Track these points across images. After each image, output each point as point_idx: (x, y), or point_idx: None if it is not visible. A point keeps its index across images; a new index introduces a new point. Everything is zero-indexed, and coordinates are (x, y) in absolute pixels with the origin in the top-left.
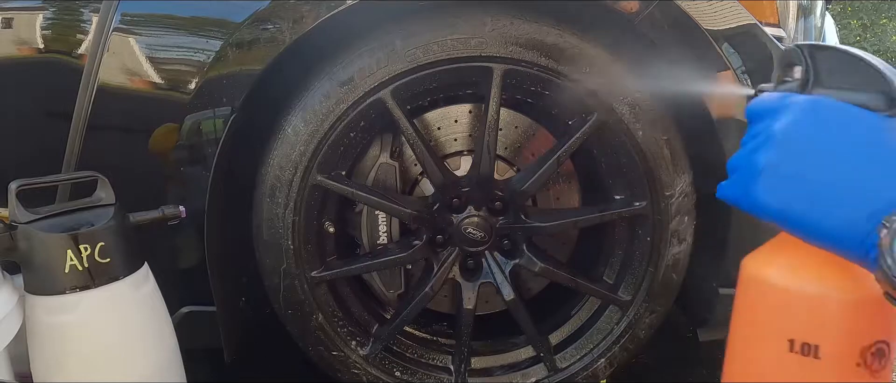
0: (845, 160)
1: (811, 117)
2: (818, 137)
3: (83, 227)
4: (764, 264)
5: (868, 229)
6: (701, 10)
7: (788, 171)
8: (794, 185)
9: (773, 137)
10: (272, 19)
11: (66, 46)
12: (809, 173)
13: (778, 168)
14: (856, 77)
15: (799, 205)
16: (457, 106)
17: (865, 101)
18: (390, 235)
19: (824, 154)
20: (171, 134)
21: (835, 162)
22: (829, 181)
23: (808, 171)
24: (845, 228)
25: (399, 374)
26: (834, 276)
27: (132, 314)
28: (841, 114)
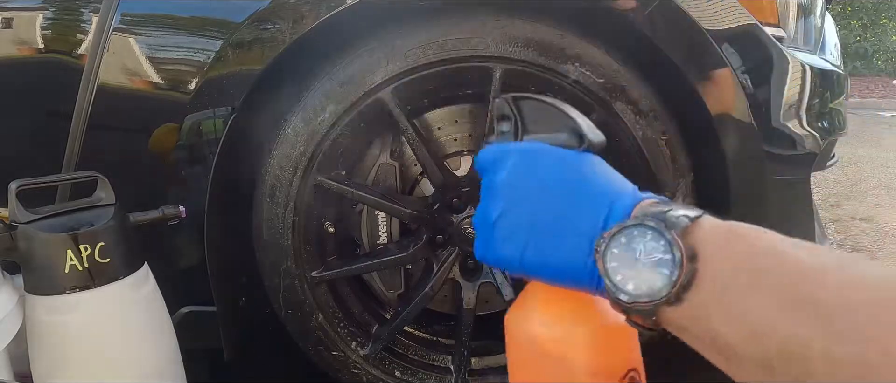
0: (555, 199)
1: (522, 164)
2: (530, 182)
3: (83, 227)
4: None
5: (587, 260)
6: (701, 10)
7: (514, 220)
8: (522, 232)
9: (495, 189)
10: (272, 19)
11: (66, 46)
12: (531, 218)
13: (505, 218)
14: (552, 121)
15: (530, 251)
16: (457, 106)
17: (564, 141)
18: (390, 235)
19: (538, 197)
20: (171, 134)
21: (547, 203)
22: (547, 222)
23: (529, 216)
24: (571, 264)
25: (399, 374)
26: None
27: (132, 314)
28: (544, 156)
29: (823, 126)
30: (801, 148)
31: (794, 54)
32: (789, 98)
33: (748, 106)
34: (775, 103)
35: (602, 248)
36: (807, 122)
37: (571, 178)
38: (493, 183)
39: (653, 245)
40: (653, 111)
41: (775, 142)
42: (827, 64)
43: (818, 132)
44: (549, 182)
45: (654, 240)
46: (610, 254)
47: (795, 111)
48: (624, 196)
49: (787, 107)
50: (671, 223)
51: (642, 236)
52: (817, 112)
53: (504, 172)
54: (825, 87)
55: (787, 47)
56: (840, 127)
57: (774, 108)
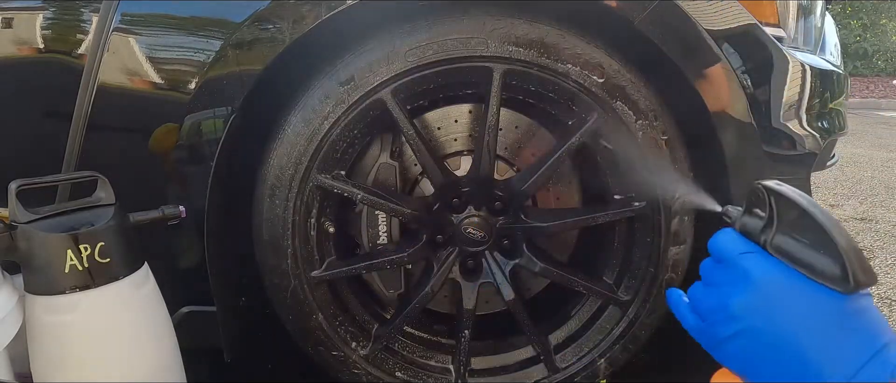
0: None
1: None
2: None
3: (83, 227)
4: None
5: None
6: (701, 10)
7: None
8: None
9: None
10: (272, 19)
11: (66, 46)
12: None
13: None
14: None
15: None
16: (457, 106)
17: (824, 267)
18: (390, 235)
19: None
20: (171, 134)
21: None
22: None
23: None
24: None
25: (399, 374)
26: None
27: (132, 314)
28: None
29: (823, 126)
30: (801, 148)
31: (794, 54)
32: (789, 98)
33: (748, 106)
34: (775, 103)
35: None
36: (807, 122)
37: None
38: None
39: None
40: (653, 111)
41: (775, 142)
42: (827, 64)
43: (818, 132)
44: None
45: None
46: None
47: (795, 111)
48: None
49: (787, 108)
50: None
51: None
52: (817, 112)
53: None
54: (825, 88)
55: (787, 47)
56: (840, 127)
57: (774, 108)
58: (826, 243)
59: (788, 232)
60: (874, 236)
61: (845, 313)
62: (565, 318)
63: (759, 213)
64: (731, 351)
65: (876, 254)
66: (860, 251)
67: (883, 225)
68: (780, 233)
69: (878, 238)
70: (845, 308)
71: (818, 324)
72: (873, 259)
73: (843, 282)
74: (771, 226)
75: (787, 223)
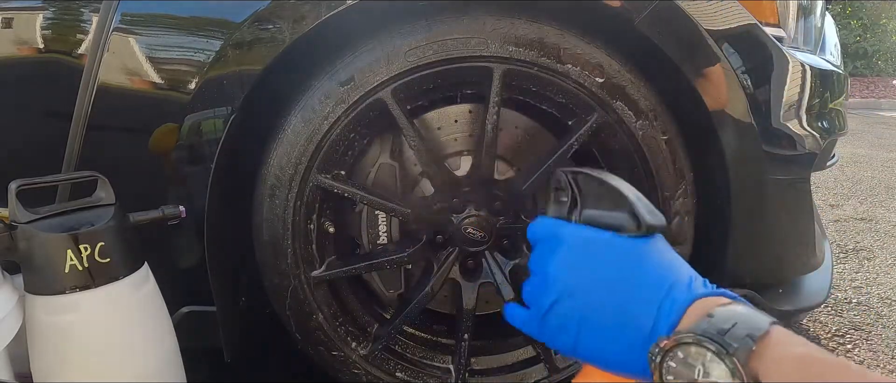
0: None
1: (575, 254)
2: (582, 274)
3: (83, 227)
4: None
5: (641, 356)
6: (701, 10)
7: (567, 311)
8: (575, 324)
9: (548, 276)
10: (272, 19)
11: (66, 46)
12: (584, 310)
13: (558, 307)
14: (610, 200)
15: (584, 343)
16: (457, 106)
17: (621, 222)
18: (390, 235)
19: (590, 290)
20: (171, 134)
21: (600, 296)
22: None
23: (582, 309)
24: (625, 360)
25: (399, 374)
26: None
27: (132, 314)
28: (597, 247)
29: (823, 126)
30: (801, 148)
31: (794, 54)
32: (789, 98)
33: (748, 106)
34: (775, 103)
35: (657, 359)
36: (807, 123)
37: (624, 272)
38: (546, 268)
39: (713, 367)
40: (653, 111)
41: (775, 142)
42: (827, 64)
43: (818, 132)
44: (601, 276)
45: (715, 362)
46: (666, 367)
47: (795, 111)
48: (678, 290)
49: (787, 108)
50: (734, 346)
51: (701, 355)
52: (817, 112)
53: (557, 259)
54: (825, 88)
55: (787, 47)
56: (840, 127)
57: (774, 109)
58: (618, 199)
59: (591, 204)
60: (874, 236)
61: (643, 255)
62: None
63: (563, 199)
64: (553, 324)
65: (876, 254)
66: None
67: (883, 225)
68: (585, 208)
69: (878, 238)
70: (643, 250)
71: (621, 269)
72: (873, 259)
73: (636, 227)
74: (576, 204)
75: (588, 197)
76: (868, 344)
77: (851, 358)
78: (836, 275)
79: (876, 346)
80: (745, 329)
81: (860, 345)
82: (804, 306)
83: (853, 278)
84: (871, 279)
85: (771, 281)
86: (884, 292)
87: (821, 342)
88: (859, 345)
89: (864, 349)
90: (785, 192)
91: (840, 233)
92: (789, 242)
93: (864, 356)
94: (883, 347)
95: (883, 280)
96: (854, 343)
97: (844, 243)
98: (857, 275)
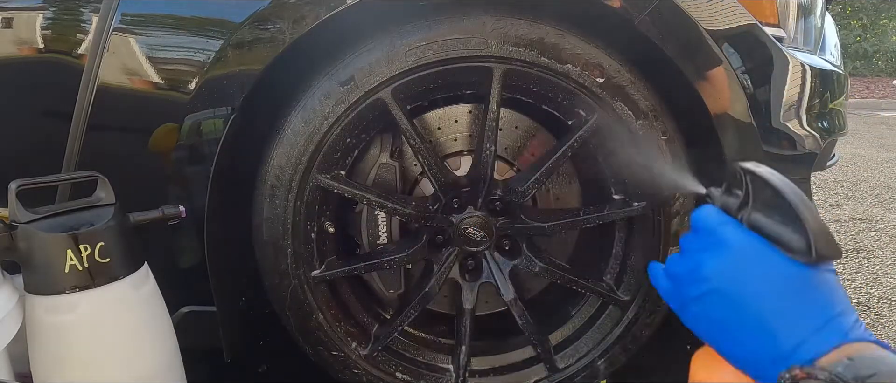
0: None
1: (735, 260)
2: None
3: (83, 227)
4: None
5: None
6: (701, 10)
7: (713, 306)
8: (717, 320)
9: (702, 273)
10: (272, 19)
11: (66, 46)
12: (730, 313)
13: (705, 300)
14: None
15: (719, 336)
16: (457, 106)
17: (790, 240)
18: (390, 235)
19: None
20: (171, 134)
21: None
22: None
23: (729, 311)
24: (755, 366)
25: (399, 374)
26: None
27: (132, 314)
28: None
29: (823, 126)
30: (801, 148)
31: (794, 54)
32: (789, 98)
33: (748, 106)
34: (775, 103)
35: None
36: (807, 123)
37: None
38: (702, 262)
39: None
40: (653, 111)
41: (775, 142)
42: (827, 64)
43: (818, 132)
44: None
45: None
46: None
47: (795, 111)
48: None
49: (787, 108)
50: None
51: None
52: (817, 112)
53: (716, 260)
54: (825, 88)
55: (787, 47)
56: (840, 127)
57: (774, 109)
58: (794, 219)
59: (762, 209)
60: (874, 236)
61: (806, 283)
62: (565, 318)
63: (737, 193)
64: (695, 311)
65: (876, 254)
66: (826, 227)
67: (883, 225)
68: (755, 211)
69: (878, 238)
70: (807, 278)
71: (779, 290)
72: (873, 259)
73: (807, 254)
74: (747, 204)
75: (761, 201)
76: None
77: None
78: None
79: None
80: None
81: None
82: None
83: (853, 278)
84: (871, 279)
85: None
86: (884, 292)
87: None
88: None
89: None
90: None
91: (840, 233)
92: None
93: None
94: None
95: (883, 280)
96: None
97: (844, 243)
98: (857, 275)
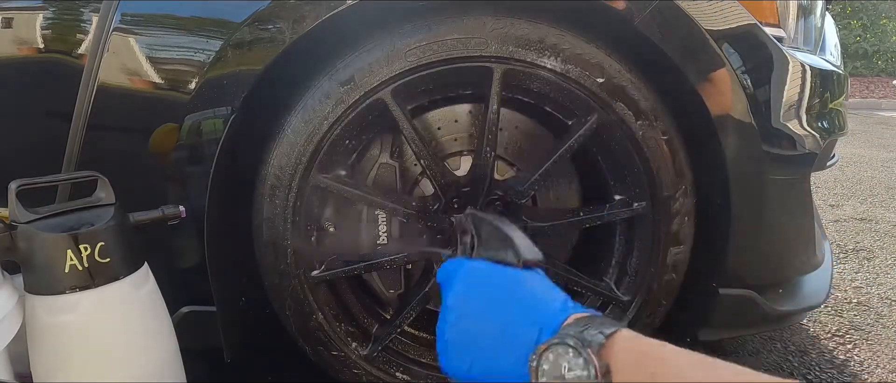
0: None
1: (466, 283)
2: (473, 300)
3: (83, 227)
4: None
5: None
6: (701, 10)
7: (463, 336)
8: (470, 347)
9: (448, 306)
10: (272, 19)
11: (66, 46)
12: (476, 333)
13: (455, 333)
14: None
15: (477, 365)
16: (457, 106)
17: (507, 257)
18: (390, 235)
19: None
20: (171, 134)
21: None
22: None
23: (475, 332)
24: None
25: (399, 374)
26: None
27: (132, 314)
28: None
29: (823, 126)
30: (801, 148)
31: (794, 54)
32: (789, 98)
33: (748, 106)
34: (775, 103)
35: (534, 364)
36: (807, 123)
37: (508, 296)
38: (446, 300)
39: (574, 361)
40: (653, 111)
41: (775, 142)
42: (827, 64)
43: (818, 132)
44: (489, 300)
45: (575, 356)
46: (541, 371)
47: (795, 111)
48: (554, 311)
49: (787, 108)
50: (587, 341)
51: (565, 353)
52: (817, 112)
53: (453, 291)
54: (825, 88)
55: (787, 47)
56: (840, 127)
57: (774, 109)
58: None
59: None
60: (874, 236)
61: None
62: None
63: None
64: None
65: (876, 254)
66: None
67: (883, 225)
68: (481, 247)
69: (877, 238)
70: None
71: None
72: (873, 259)
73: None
74: (474, 246)
75: (484, 238)
76: (868, 345)
77: (851, 358)
78: (836, 275)
79: (876, 346)
80: (598, 328)
81: (860, 345)
82: (804, 306)
83: (853, 278)
84: (871, 279)
85: (771, 281)
86: (884, 292)
87: (821, 342)
88: (859, 345)
89: (864, 349)
90: (785, 192)
91: (840, 233)
92: (789, 242)
93: (864, 356)
94: (883, 347)
95: (883, 280)
96: (854, 343)
97: (844, 243)
98: (857, 275)
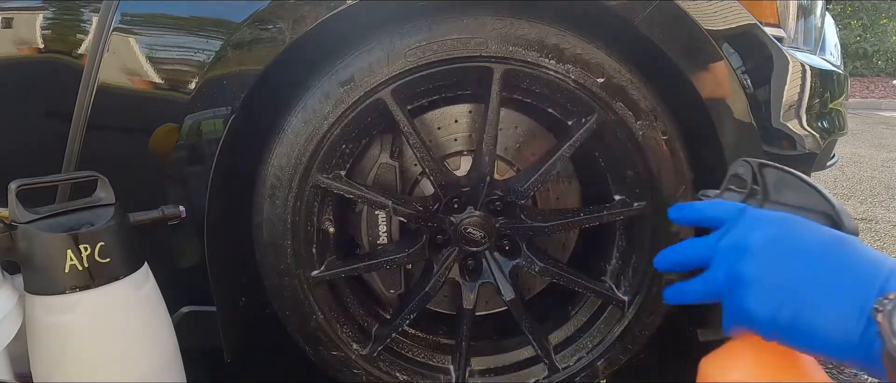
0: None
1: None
2: (792, 248)
3: (83, 227)
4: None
5: (863, 321)
6: (701, 10)
7: (771, 280)
8: (779, 293)
9: (751, 249)
10: (272, 19)
11: (66, 46)
12: (793, 282)
13: (761, 277)
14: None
15: (787, 312)
16: (457, 106)
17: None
18: (390, 235)
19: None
20: (171, 134)
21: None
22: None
23: (791, 281)
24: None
25: (399, 374)
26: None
27: (132, 314)
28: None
29: (823, 126)
30: (801, 148)
31: (794, 54)
32: (789, 98)
33: (748, 106)
34: (775, 103)
35: (887, 308)
36: (807, 122)
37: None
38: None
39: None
40: (653, 111)
41: (775, 142)
42: (827, 64)
43: (818, 132)
44: (813, 251)
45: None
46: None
47: (795, 111)
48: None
49: (787, 108)
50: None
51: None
52: (817, 112)
53: (760, 233)
54: (825, 88)
55: (787, 47)
56: (840, 127)
57: (774, 108)
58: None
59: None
60: (874, 236)
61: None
62: (565, 318)
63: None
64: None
65: None
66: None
67: (883, 225)
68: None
69: (877, 238)
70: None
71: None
72: None
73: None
74: (755, 196)
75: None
76: None
77: None
78: None
79: None
80: None
81: None
82: None
83: None
84: None
85: None
86: None
87: None
88: None
89: None
90: None
91: None
92: None
93: None
94: None
95: None
96: None
97: None
98: None
